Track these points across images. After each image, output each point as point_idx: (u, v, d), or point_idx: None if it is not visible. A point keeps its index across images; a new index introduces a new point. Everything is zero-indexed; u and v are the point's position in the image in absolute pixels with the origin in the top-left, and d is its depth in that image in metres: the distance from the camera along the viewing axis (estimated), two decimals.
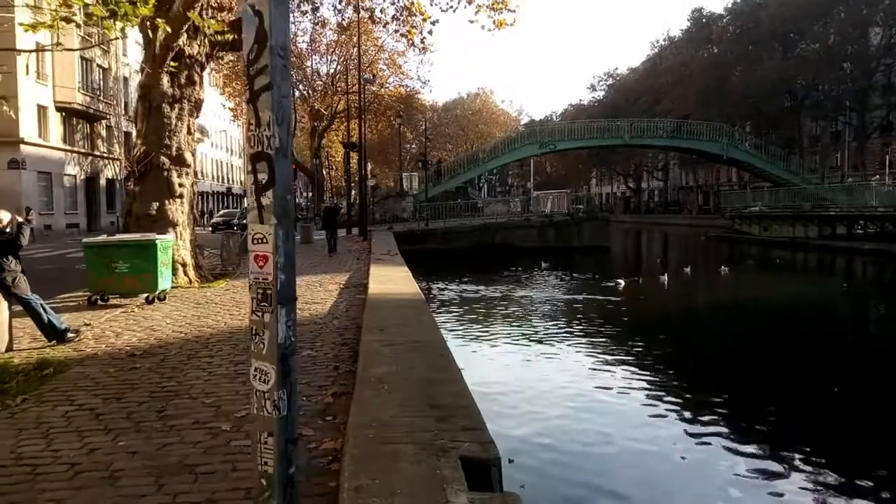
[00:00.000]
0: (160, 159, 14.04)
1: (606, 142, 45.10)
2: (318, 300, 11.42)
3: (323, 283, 13.88)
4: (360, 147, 28.31)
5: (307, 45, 49.92)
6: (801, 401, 9.51)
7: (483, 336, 13.87)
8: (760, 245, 36.78)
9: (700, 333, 15.55)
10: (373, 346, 6.48)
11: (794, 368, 11.71)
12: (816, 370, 11.64)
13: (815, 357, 12.81)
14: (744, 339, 14.55)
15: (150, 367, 6.90)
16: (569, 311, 17.03)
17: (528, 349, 12.62)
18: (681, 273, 23.96)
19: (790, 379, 10.84)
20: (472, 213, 36.99)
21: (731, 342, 14.40)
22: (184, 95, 14.45)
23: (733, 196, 46.46)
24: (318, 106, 49.20)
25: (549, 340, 13.33)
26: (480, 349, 12.65)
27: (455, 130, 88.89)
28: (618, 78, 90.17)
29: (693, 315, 18.18)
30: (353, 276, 15.25)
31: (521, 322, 15.63)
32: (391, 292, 10.80)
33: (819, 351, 13.40)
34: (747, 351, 13.19)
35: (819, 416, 9.05)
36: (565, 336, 13.87)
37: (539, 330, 14.53)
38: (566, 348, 12.76)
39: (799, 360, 12.48)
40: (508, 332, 14.40)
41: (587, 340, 13.47)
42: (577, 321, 15.58)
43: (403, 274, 13.98)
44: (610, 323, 15.38)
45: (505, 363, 11.62)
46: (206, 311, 10.55)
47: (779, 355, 12.87)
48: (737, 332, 15.54)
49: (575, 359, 11.98)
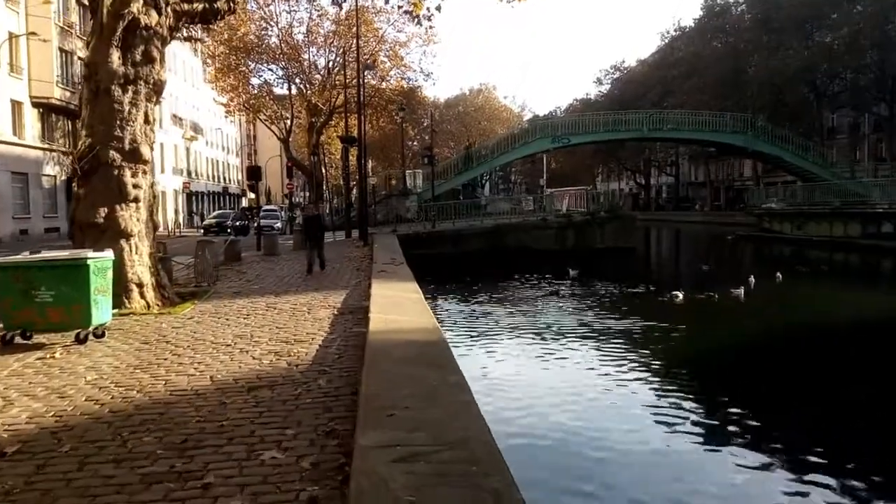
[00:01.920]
0: (109, 154, 11.32)
1: (623, 135, 42.29)
2: (302, 336, 8.68)
3: (312, 307, 11.15)
4: (360, 142, 25.51)
5: (304, 37, 47.21)
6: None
7: (530, 405, 10.09)
8: (794, 245, 34.04)
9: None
10: (377, 470, 3.71)
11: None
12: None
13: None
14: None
15: (11, 485, 4.17)
16: (645, 351, 13.66)
17: (608, 427, 9.26)
18: (745, 283, 20.50)
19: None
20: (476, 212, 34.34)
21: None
22: (140, 76, 11.72)
23: (760, 192, 43.54)
24: (315, 100, 46.45)
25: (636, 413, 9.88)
26: (526, 420, 9.52)
27: (457, 127, 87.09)
28: (625, 71, 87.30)
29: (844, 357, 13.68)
30: (351, 295, 12.51)
31: (588, 382, 11.54)
32: (399, 328, 8.06)
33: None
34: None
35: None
36: (666, 407, 10.12)
37: (619, 398, 10.67)
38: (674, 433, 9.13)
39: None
40: (569, 391, 10.84)
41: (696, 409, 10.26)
42: (668, 370, 12.37)
43: (413, 295, 11.24)
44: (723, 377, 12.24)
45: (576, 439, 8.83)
46: (151, 356, 7.82)
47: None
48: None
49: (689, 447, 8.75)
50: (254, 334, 8.93)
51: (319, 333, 8.83)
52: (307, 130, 49.94)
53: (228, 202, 75.32)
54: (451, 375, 5.74)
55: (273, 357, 7.51)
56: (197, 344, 8.41)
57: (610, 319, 16.99)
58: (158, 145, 54.71)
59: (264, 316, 10.41)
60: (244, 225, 41.13)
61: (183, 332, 9.24)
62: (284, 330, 9.15)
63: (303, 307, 11.18)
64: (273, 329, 9.26)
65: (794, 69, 47.15)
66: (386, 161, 72.97)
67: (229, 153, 79.36)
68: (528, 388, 10.93)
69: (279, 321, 9.88)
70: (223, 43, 44.16)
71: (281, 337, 8.67)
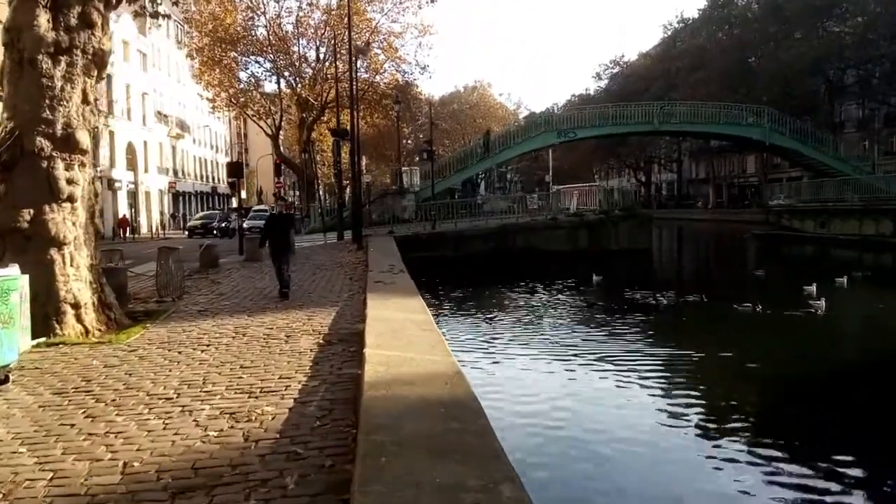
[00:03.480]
0: (36, 142, 9.00)
1: (633, 128, 40.06)
2: (272, 383, 6.37)
3: (293, 333, 8.83)
4: (353, 134, 23.13)
5: (293, 28, 44.85)
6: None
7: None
8: (816, 244, 31.87)
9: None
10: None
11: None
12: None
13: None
14: None
15: None
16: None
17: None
18: (812, 291, 17.75)
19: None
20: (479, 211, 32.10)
21: None
22: (75, 44, 9.37)
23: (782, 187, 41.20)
24: (305, 94, 44.11)
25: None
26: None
27: (452, 125, 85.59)
28: (625, 65, 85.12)
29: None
30: (342, 314, 10.20)
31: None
32: (408, 376, 5.74)
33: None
34: None
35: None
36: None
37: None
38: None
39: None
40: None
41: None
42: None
43: (419, 316, 8.93)
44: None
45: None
46: (55, 418, 5.51)
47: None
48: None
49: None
50: (208, 378, 6.62)
51: (297, 378, 6.51)
52: (298, 126, 47.63)
53: (218, 202, 72.72)
54: (504, 485, 3.44)
55: (226, 423, 5.20)
56: (127, 396, 6.10)
57: (684, 348, 13.56)
58: (141, 143, 52.34)
59: (228, 347, 8.09)
60: (230, 226, 38.72)
61: (115, 375, 6.91)
62: (251, 371, 6.84)
63: (280, 332, 8.86)
64: (235, 369, 6.94)
65: (808, 60, 44.98)
66: (381, 159, 70.72)
67: (218, 151, 76.72)
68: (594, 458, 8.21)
69: (246, 356, 7.56)
70: (207, 34, 41.78)
71: (244, 384, 6.36)
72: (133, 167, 50.66)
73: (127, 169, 49.68)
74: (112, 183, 46.70)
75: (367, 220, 29.46)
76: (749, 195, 78.60)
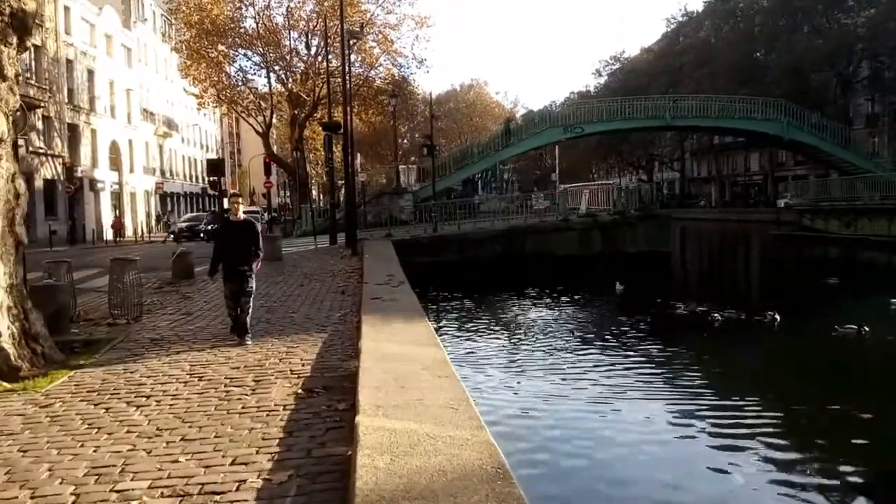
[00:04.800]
0: None
1: (644, 123, 38.03)
2: (218, 473, 4.29)
3: (263, 376, 6.74)
4: (345, 127, 20.98)
5: (283, 19, 42.75)
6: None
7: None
8: (841, 245, 29.93)
9: None
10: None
11: None
12: None
13: None
14: None
15: None
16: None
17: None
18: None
19: None
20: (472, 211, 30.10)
21: None
22: None
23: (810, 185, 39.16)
24: (297, 90, 42.01)
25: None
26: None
27: (448, 124, 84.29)
28: (625, 61, 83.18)
29: None
30: (330, 345, 8.11)
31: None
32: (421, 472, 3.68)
33: None
34: None
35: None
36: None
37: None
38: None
39: None
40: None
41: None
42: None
43: (429, 351, 6.86)
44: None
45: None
46: None
47: None
48: None
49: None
50: (131, 462, 4.55)
51: (257, 463, 4.44)
52: (289, 124, 45.52)
53: (208, 204, 70.52)
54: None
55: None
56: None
57: (802, 396, 10.45)
58: (126, 142, 50.15)
59: (175, 400, 6.01)
60: None
61: (3, 452, 4.84)
62: (195, 447, 4.77)
63: (248, 375, 6.79)
64: (174, 443, 4.88)
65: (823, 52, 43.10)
66: (376, 159, 68.82)
67: (209, 151, 74.37)
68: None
69: (195, 417, 5.49)
70: (192, 26, 39.66)
71: (179, 474, 4.29)
72: (117, 167, 48.54)
73: (111, 169, 47.56)
74: (94, 183, 44.57)
75: (363, 222, 27.42)
76: (753, 194, 76.86)
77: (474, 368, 12.30)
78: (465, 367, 11.97)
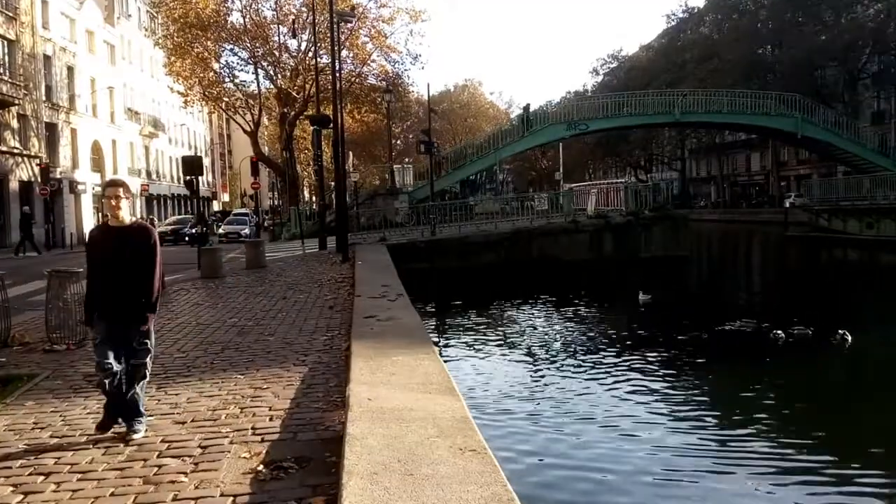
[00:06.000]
0: None
1: (652, 120, 36.29)
2: None
3: (212, 438, 4.89)
4: (335, 121, 19.12)
5: (272, 14, 40.90)
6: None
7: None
8: (862, 247, 28.24)
9: None
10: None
11: None
12: None
13: None
14: None
15: None
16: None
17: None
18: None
19: None
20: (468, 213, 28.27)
21: None
22: None
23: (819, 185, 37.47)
24: (286, 86, 40.17)
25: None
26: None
27: (443, 125, 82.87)
28: (624, 59, 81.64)
29: None
30: (311, 385, 6.26)
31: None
32: None
33: None
34: None
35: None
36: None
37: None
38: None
39: None
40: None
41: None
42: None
43: (443, 402, 5.03)
44: None
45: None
46: None
47: None
48: None
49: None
50: None
51: None
52: (279, 122, 43.65)
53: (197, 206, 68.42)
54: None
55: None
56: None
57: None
58: (109, 142, 48.13)
59: (80, 483, 4.18)
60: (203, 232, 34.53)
61: None
62: None
63: (194, 435, 4.95)
64: None
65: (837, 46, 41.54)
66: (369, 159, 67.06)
67: (198, 152, 72.24)
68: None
69: None
70: (176, 20, 37.80)
71: None
72: (100, 168, 46.52)
73: (92, 170, 45.53)
74: (74, 185, 42.57)
75: (355, 225, 25.59)
76: (754, 193, 75.47)
77: (490, 412, 10.17)
78: (476, 394, 10.18)
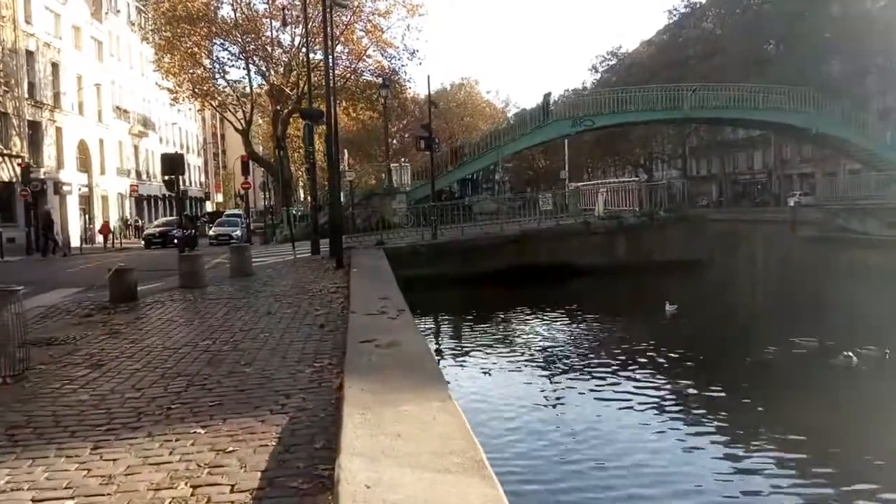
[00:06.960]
0: None
1: (662, 115, 35.01)
2: None
3: None
4: (328, 115, 17.67)
5: (265, 7, 39.59)
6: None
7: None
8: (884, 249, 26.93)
9: None
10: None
11: None
12: None
13: None
14: None
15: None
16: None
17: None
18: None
19: None
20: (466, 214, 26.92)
21: None
22: None
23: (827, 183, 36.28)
24: (279, 83, 38.82)
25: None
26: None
27: (439, 124, 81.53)
28: (623, 56, 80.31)
29: None
30: (289, 448, 4.79)
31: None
32: None
33: None
34: None
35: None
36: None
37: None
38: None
39: None
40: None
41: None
42: None
43: (468, 488, 3.59)
44: None
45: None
46: None
47: None
48: None
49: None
50: None
51: None
52: (271, 120, 42.27)
53: (189, 207, 66.97)
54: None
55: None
56: None
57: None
58: (96, 141, 46.59)
59: None
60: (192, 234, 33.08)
61: None
62: None
63: None
64: None
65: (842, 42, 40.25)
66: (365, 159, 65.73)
67: (190, 152, 70.82)
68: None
69: None
70: (164, 13, 36.41)
71: None
72: (86, 168, 45.04)
73: (79, 170, 44.07)
74: (59, 186, 41.06)
75: (350, 226, 24.17)
76: (756, 192, 74.42)
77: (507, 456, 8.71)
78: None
